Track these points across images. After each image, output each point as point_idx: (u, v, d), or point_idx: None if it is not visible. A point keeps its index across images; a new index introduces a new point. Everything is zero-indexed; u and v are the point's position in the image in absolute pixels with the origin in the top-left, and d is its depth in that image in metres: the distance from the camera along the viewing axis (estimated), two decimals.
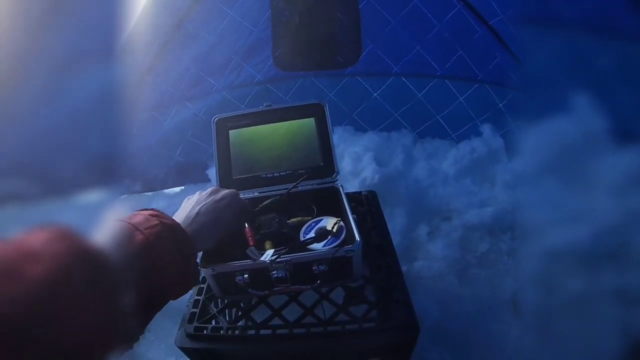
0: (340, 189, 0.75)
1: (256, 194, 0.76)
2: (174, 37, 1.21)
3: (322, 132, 0.79)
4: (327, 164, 0.77)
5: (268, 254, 0.59)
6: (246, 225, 0.65)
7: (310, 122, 0.80)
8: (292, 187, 0.74)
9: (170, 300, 0.48)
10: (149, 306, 0.44)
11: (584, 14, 1.02)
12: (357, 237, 0.60)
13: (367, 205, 0.87)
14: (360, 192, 0.93)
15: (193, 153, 1.29)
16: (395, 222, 1.16)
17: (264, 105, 0.81)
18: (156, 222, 0.46)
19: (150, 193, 1.38)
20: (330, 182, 0.76)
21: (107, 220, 0.45)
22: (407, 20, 1.20)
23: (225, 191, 0.64)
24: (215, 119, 0.80)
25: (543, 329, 0.91)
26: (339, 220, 0.65)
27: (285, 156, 0.78)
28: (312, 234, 0.65)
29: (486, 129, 1.32)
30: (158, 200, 1.33)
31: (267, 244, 0.64)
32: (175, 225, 0.49)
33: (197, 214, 0.58)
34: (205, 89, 1.23)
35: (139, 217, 0.46)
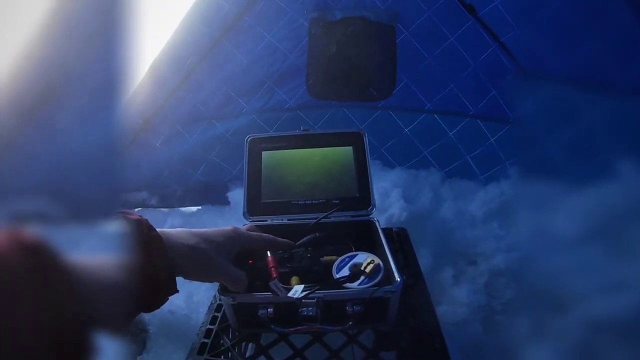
0: (377, 223, 0.69)
1: (285, 220, 0.71)
2: (209, 55, 1.20)
3: (359, 162, 0.74)
4: (363, 196, 0.72)
5: (297, 290, 0.52)
6: (269, 254, 0.59)
7: (347, 150, 0.75)
8: (323, 217, 0.69)
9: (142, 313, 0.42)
10: (105, 320, 0.36)
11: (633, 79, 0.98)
12: (398, 277, 0.55)
13: (399, 243, 0.82)
14: (391, 228, 0.88)
15: (215, 173, 1.25)
16: (420, 262, 1.09)
17: (301, 129, 0.77)
18: (117, 216, 0.41)
19: (166, 209, 1.33)
20: (365, 215, 0.71)
21: None
22: (442, 58, 1.18)
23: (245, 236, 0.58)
24: (249, 139, 0.76)
25: None
26: (374, 260, 0.58)
27: (319, 184, 0.73)
28: (345, 271, 0.59)
29: (514, 171, 1.27)
30: (173, 218, 1.28)
31: (294, 279, 0.57)
32: (142, 221, 0.43)
33: (196, 234, 0.51)
34: (235, 109, 1.21)
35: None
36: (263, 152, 0.76)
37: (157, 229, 0.46)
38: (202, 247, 0.50)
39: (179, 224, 1.23)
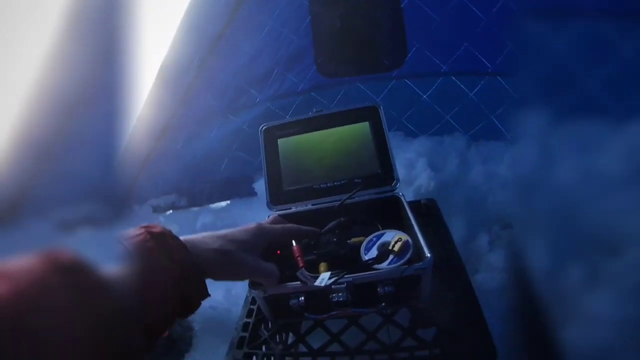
0: (402, 198, 0.67)
1: (309, 206, 0.70)
2: (214, 50, 1.19)
3: (378, 137, 0.72)
4: (385, 172, 0.69)
5: (324, 278, 0.51)
6: (294, 244, 0.58)
7: (364, 126, 0.73)
8: (347, 198, 0.67)
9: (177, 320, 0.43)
10: (146, 327, 0.38)
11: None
12: (428, 253, 0.53)
13: (428, 215, 0.79)
14: (419, 200, 0.85)
15: (238, 166, 1.25)
16: (453, 232, 1.05)
17: (314, 111, 0.75)
18: (141, 231, 0.42)
19: (196, 208, 1.35)
20: (389, 191, 0.69)
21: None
22: (452, 16, 1.11)
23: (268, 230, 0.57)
24: (263, 128, 0.75)
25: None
26: (401, 238, 0.56)
27: (339, 164, 0.71)
28: (374, 251, 0.57)
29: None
30: (204, 216, 1.29)
31: (322, 265, 0.56)
32: (165, 232, 0.44)
33: (220, 236, 0.51)
34: (248, 101, 1.20)
35: (127, 232, 0.42)
36: (279, 140, 0.74)
37: (182, 237, 0.47)
38: (228, 247, 0.50)
39: (210, 221, 1.25)
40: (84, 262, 0.32)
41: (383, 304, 0.54)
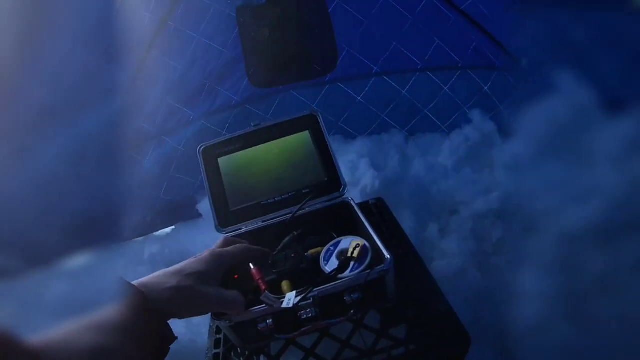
0: (352, 202, 0.66)
1: (260, 224, 0.66)
2: (141, 69, 1.11)
3: (320, 144, 0.70)
4: (332, 178, 0.68)
5: (290, 299, 0.49)
6: (251, 267, 0.55)
7: (305, 135, 0.71)
8: (298, 210, 0.65)
9: None
10: None
11: None
12: (387, 255, 0.52)
13: (379, 215, 0.79)
14: (368, 201, 0.85)
15: (179, 189, 1.18)
16: (404, 225, 1.06)
17: (252, 125, 0.72)
18: None
19: (141, 238, 1.26)
20: (338, 197, 0.67)
21: None
22: (379, 18, 1.13)
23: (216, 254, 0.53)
24: (201, 148, 0.70)
25: (576, 314, 0.85)
26: (359, 243, 0.55)
27: (285, 177, 0.69)
28: (333, 261, 0.55)
29: (475, 114, 1.26)
30: (150, 245, 1.21)
31: (285, 284, 0.54)
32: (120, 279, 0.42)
33: (175, 272, 0.48)
34: (181, 120, 1.13)
35: None
36: (219, 159, 0.70)
37: (135, 282, 0.44)
38: (186, 283, 0.46)
39: (157, 250, 1.16)
40: (8, 334, 0.29)
41: (352, 311, 0.53)
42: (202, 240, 1.12)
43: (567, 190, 0.92)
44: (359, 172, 1.09)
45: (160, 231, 1.27)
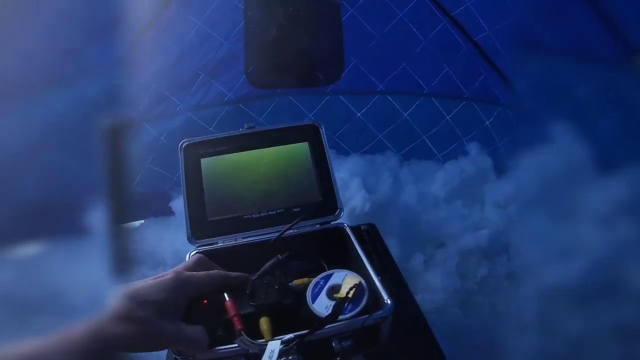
0: (347, 229, 0.58)
1: (239, 240, 0.57)
2: (132, 51, 1.01)
3: (318, 160, 0.62)
4: (327, 199, 0.60)
5: (273, 351, 0.40)
6: (226, 298, 0.46)
7: (303, 147, 0.63)
8: (286, 230, 0.56)
9: None
10: None
11: (565, 40, 0.97)
12: (387, 299, 0.45)
13: (371, 243, 0.71)
14: (359, 226, 0.77)
15: (153, 182, 1.08)
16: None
17: (245, 127, 0.63)
18: None
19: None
20: (331, 221, 0.59)
21: None
22: (392, 35, 1.08)
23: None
24: (184, 145, 0.61)
25: None
26: (353, 280, 0.48)
27: (275, 191, 0.60)
28: (323, 298, 0.47)
29: (473, 147, 1.22)
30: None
31: (264, 322, 0.45)
32: None
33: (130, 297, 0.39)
34: (167, 109, 1.03)
35: None
36: (202, 160, 0.61)
37: None
38: (140, 314, 0.37)
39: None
40: None
41: (338, 359, 0.45)
42: (171, 241, 1.02)
43: (551, 244, 0.90)
44: (349, 191, 1.02)
45: (127, 224, 1.15)
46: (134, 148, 1.05)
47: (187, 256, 0.56)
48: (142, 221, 1.15)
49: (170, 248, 1.02)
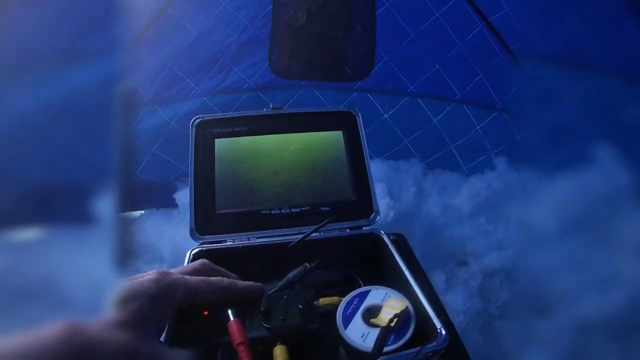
0: (383, 236, 0.46)
1: (253, 240, 0.45)
2: (151, 28, 0.90)
3: (353, 153, 0.51)
4: (362, 200, 0.48)
5: None
6: (230, 316, 0.34)
7: (336, 137, 0.51)
8: (310, 233, 0.44)
9: None
10: None
11: (616, 59, 0.87)
12: (442, 329, 0.34)
13: (405, 256, 0.59)
14: (388, 235, 0.65)
15: (159, 170, 0.96)
16: None
17: (270, 107, 0.52)
18: None
19: None
20: (365, 226, 0.47)
21: None
22: (427, 35, 0.96)
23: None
24: (197, 121, 0.50)
25: None
26: (398, 302, 0.35)
27: (300, 184, 0.49)
28: (358, 322, 0.35)
29: (500, 162, 1.09)
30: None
31: (280, 352, 0.32)
32: None
33: None
34: (182, 91, 0.92)
35: None
36: (216, 140, 0.50)
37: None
38: (94, 327, 0.25)
39: None
40: None
41: None
42: (171, 236, 0.89)
43: (587, 272, 0.79)
44: None
45: (126, 213, 1.03)
46: (141, 131, 0.94)
47: (188, 254, 0.44)
48: (143, 212, 1.02)
49: (170, 243, 0.89)
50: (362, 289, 0.38)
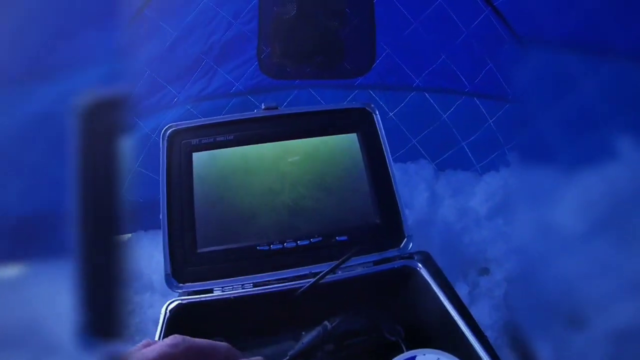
0: (422, 271, 0.33)
1: (246, 286, 0.32)
2: (126, 33, 0.76)
3: (373, 160, 0.37)
4: (388, 222, 0.35)
5: None
6: None
7: (349, 141, 0.38)
8: (324, 275, 0.31)
9: None
10: None
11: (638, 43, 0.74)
12: None
13: (444, 288, 0.46)
14: (411, 255, 0.52)
15: (144, 189, 0.82)
16: None
17: (263, 107, 0.38)
18: None
19: None
20: (396, 257, 0.34)
21: None
22: (430, 23, 0.84)
23: None
24: (169, 131, 0.36)
25: None
26: None
27: (306, 207, 0.35)
28: None
29: (515, 157, 0.97)
30: None
31: None
32: None
33: None
34: (162, 100, 0.79)
35: None
36: (194, 155, 0.36)
37: None
38: None
39: None
40: None
41: None
42: (161, 262, 0.76)
43: (616, 277, 0.67)
44: None
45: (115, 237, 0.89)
46: (122, 147, 0.80)
47: (163, 311, 0.31)
48: (130, 235, 0.89)
49: (160, 269, 0.76)
50: (405, 355, 0.26)
